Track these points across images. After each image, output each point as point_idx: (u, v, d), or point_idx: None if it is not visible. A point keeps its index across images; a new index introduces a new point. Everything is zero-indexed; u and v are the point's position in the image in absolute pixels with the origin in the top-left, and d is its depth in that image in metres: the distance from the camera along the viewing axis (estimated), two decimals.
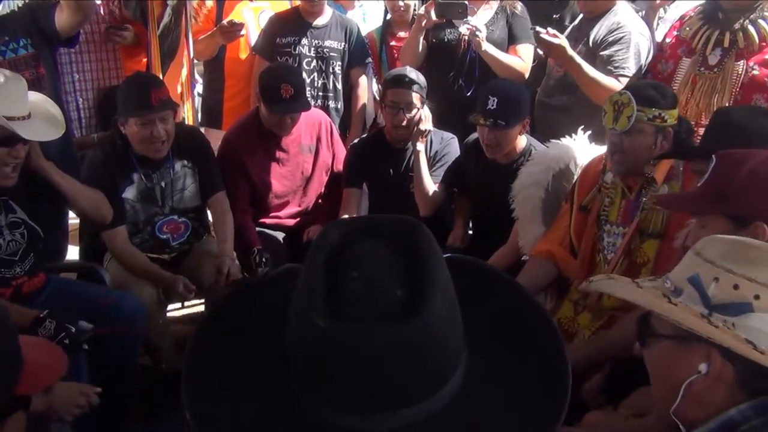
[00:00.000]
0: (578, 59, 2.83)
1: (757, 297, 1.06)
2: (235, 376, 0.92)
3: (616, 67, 2.87)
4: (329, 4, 3.72)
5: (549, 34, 2.80)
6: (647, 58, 2.93)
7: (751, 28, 2.57)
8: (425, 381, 0.84)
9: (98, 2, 3.31)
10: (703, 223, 1.68)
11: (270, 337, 0.93)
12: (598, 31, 2.95)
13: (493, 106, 2.69)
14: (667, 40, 2.90)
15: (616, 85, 2.81)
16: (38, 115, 2.23)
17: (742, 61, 2.58)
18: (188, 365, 0.93)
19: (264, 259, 2.90)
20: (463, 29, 3.16)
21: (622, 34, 2.89)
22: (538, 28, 2.85)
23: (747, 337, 1.04)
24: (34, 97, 2.30)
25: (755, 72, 2.56)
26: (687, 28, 2.76)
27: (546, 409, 0.88)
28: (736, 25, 2.60)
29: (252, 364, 0.92)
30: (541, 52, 3.24)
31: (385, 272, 0.84)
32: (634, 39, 2.87)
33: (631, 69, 2.87)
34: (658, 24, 3.18)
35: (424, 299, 0.81)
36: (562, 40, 2.81)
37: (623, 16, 2.93)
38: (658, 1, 3.10)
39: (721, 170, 1.65)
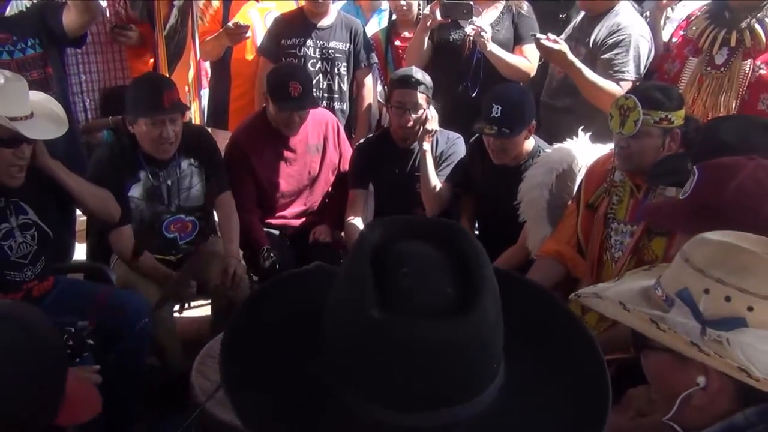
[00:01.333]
0: (578, 64, 2.83)
1: (750, 309, 1.04)
2: (271, 377, 0.91)
3: (616, 71, 2.87)
4: (345, 6, 3.72)
5: (549, 39, 2.80)
6: (648, 59, 2.93)
7: (758, 27, 2.56)
8: (471, 381, 0.83)
9: (104, 4, 3.33)
10: (688, 237, 1.63)
11: (302, 336, 0.92)
12: (598, 33, 2.94)
13: (497, 113, 2.67)
14: (674, 39, 2.89)
15: (616, 89, 2.81)
16: (41, 114, 2.22)
17: (749, 61, 2.58)
18: (225, 368, 0.93)
19: (272, 255, 2.90)
20: (469, 30, 3.16)
21: (622, 37, 2.88)
22: (538, 35, 2.85)
23: (742, 354, 1.02)
24: (36, 96, 2.30)
25: (762, 71, 2.55)
26: (693, 28, 2.75)
27: (589, 412, 0.87)
28: (743, 24, 2.59)
29: (287, 364, 0.92)
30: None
31: (434, 270, 0.83)
32: (634, 41, 2.86)
33: (631, 72, 2.87)
34: (665, 23, 3.17)
35: (475, 297, 0.80)
36: (562, 45, 2.80)
37: (624, 17, 2.92)
38: (665, 1, 3.09)
39: (706, 187, 1.56)
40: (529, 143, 2.85)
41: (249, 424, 0.86)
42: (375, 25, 3.97)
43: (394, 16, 3.76)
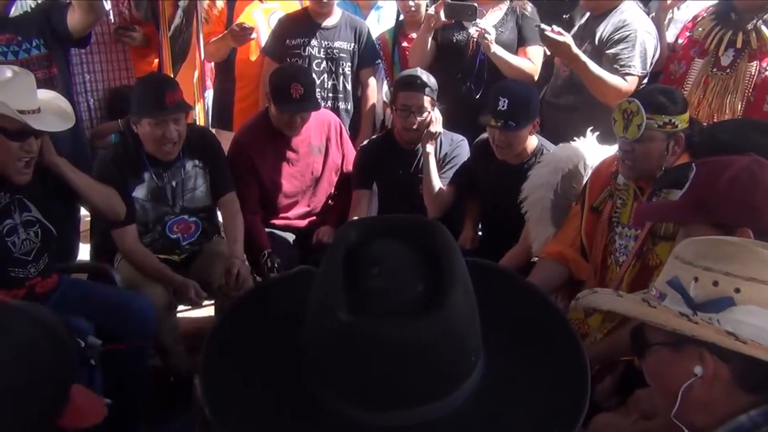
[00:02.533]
0: (583, 57, 2.82)
1: (737, 290, 1.07)
2: (250, 373, 0.92)
3: (622, 66, 2.86)
4: (343, 4, 3.72)
5: (554, 31, 2.79)
6: (654, 56, 2.92)
7: (764, 29, 2.55)
8: (444, 378, 0.84)
9: (108, 5, 3.33)
10: (687, 232, 1.66)
11: (284, 336, 0.93)
12: (604, 29, 2.94)
13: (503, 107, 2.68)
14: (680, 40, 2.88)
15: (622, 83, 2.80)
16: (48, 110, 2.23)
17: (755, 62, 2.57)
18: (205, 364, 0.94)
19: (276, 264, 2.90)
20: (473, 31, 3.16)
21: (628, 32, 2.87)
22: (543, 26, 2.84)
23: (731, 329, 1.05)
24: (44, 94, 2.30)
25: None
26: (700, 29, 2.75)
27: (565, 412, 0.88)
28: (749, 26, 2.58)
29: (267, 362, 0.93)
30: (548, 52, 3.22)
31: (405, 268, 0.84)
32: (640, 37, 2.85)
33: (636, 67, 2.86)
34: (668, 24, 3.16)
35: (444, 295, 0.81)
36: (567, 38, 2.80)
37: (629, 14, 2.91)
38: (669, 2, 3.08)
39: (701, 179, 1.63)
40: (533, 142, 2.84)
41: (225, 424, 0.87)
42: (373, 22, 3.96)
43: (402, 17, 3.76)
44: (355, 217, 3.15)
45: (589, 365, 0.94)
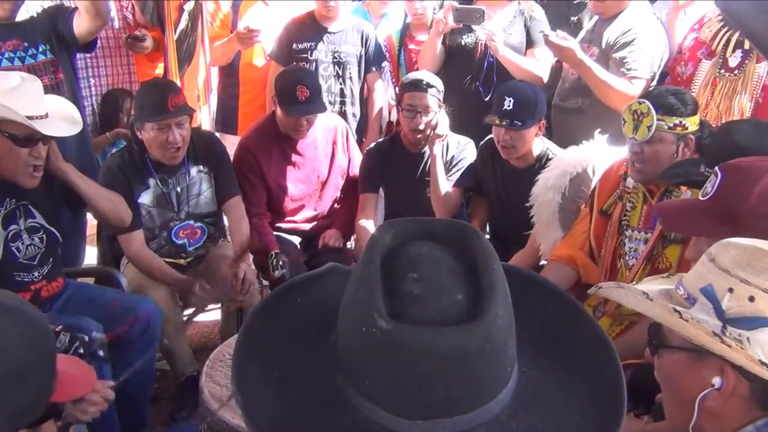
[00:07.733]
0: (589, 62, 2.81)
1: None
2: (283, 374, 0.90)
3: (628, 69, 2.84)
4: (354, 10, 3.72)
5: (559, 36, 2.78)
6: (662, 58, 2.90)
7: None
8: (482, 388, 0.82)
9: (113, 12, 3.34)
10: (710, 241, 1.63)
11: (317, 338, 0.92)
12: (611, 33, 2.92)
13: (509, 106, 2.68)
14: (686, 42, 2.86)
15: (628, 87, 2.79)
16: (56, 115, 2.24)
17: (763, 63, 2.55)
18: (237, 363, 0.92)
19: (281, 262, 2.90)
20: (481, 34, 3.15)
21: (634, 36, 2.85)
22: (547, 32, 2.83)
23: (762, 352, 1.01)
24: (50, 98, 2.31)
25: None
26: (707, 30, 2.73)
27: (602, 417, 0.86)
28: None
29: (300, 365, 0.91)
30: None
31: (444, 275, 0.82)
32: (647, 40, 2.84)
33: (643, 70, 2.84)
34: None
35: (486, 304, 0.80)
36: (571, 42, 2.79)
37: (637, 17, 2.90)
38: (681, 2, 3.05)
39: (729, 191, 1.56)
40: (538, 145, 2.83)
41: (260, 429, 0.84)
42: (383, 30, 3.95)
43: (408, 19, 3.75)
44: (362, 220, 3.15)
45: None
